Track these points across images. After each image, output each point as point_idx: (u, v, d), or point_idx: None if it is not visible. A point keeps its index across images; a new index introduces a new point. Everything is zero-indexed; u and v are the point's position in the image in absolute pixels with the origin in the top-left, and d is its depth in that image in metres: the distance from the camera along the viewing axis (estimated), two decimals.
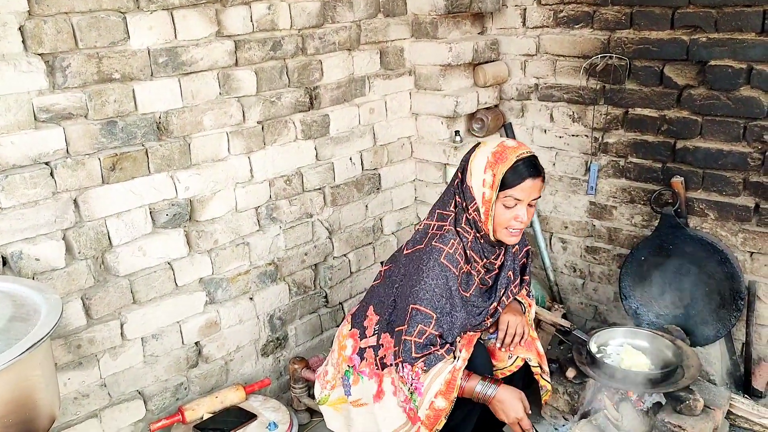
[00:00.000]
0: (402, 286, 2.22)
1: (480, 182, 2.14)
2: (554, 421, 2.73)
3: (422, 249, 2.20)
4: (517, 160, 2.11)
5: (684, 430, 2.37)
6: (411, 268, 2.20)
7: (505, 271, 2.34)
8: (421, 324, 2.11)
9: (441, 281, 2.13)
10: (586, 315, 3.34)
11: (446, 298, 2.14)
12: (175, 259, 2.46)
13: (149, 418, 2.49)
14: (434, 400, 2.09)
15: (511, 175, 2.10)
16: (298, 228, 2.86)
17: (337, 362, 2.42)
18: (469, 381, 2.12)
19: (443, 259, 2.14)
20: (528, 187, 2.12)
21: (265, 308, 2.81)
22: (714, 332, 2.82)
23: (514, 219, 2.15)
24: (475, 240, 2.22)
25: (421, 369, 2.10)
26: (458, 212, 2.22)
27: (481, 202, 2.15)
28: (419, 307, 2.12)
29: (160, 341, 2.48)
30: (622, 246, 3.12)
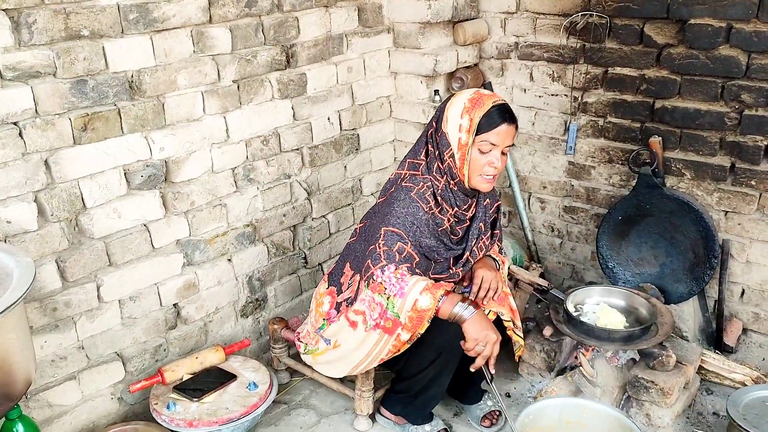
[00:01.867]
0: (377, 217, 2.26)
1: (456, 128, 2.17)
2: (531, 378, 2.78)
3: (392, 192, 2.26)
4: (493, 106, 2.16)
5: (656, 385, 2.42)
6: (385, 205, 2.26)
7: (476, 222, 2.37)
8: (400, 242, 2.16)
9: (411, 209, 2.19)
10: (563, 274, 3.38)
11: (416, 225, 2.19)
12: (151, 221, 2.43)
13: (129, 380, 2.49)
14: (419, 297, 2.05)
15: (487, 120, 2.15)
16: (276, 189, 2.83)
17: (314, 319, 2.43)
18: (450, 297, 2.09)
19: (413, 195, 2.21)
20: (503, 132, 2.16)
21: (243, 270, 2.80)
22: (688, 290, 2.86)
23: (489, 165, 2.19)
24: (446, 188, 2.25)
25: (405, 271, 2.10)
26: (429, 161, 2.25)
27: (457, 147, 2.18)
28: (392, 229, 2.17)
29: (137, 303, 2.46)
30: (600, 206, 3.14)
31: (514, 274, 3.03)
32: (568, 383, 2.58)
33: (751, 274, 2.84)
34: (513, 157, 3.34)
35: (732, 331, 2.88)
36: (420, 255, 2.21)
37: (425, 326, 2.10)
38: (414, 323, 2.09)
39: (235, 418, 2.38)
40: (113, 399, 2.48)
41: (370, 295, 2.14)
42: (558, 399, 2.27)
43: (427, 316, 2.07)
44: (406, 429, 2.48)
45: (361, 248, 2.31)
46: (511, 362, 2.81)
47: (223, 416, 2.37)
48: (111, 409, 2.48)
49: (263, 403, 2.47)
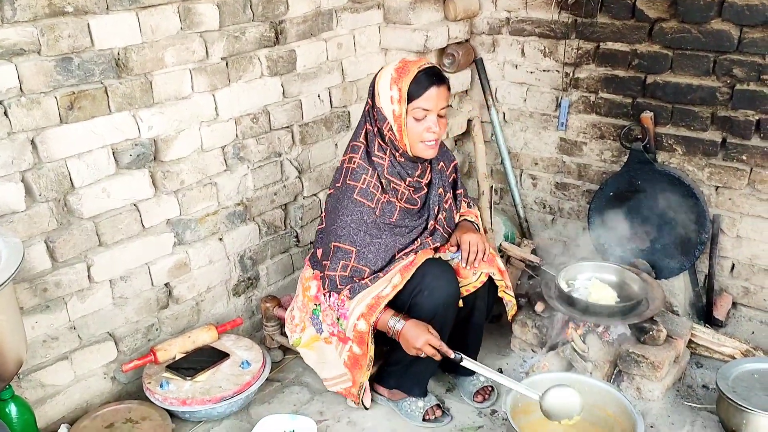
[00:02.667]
0: (327, 224, 2.34)
1: (388, 100, 2.20)
2: (523, 354, 2.80)
3: (339, 188, 2.29)
4: (419, 71, 2.17)
5: (647, 359, 2.44)
6: (330, 206, 2.32)
7: (434, 188, 2.40)
8: (343, 260, 2.25)
9: (356, 216, 2.23)
10: (555, 250, 3.38)
11: (363, 231, 2.24)
12: (140, 201, 2.41)
13: (121, 359, 2.49)
14: (357, 322, 2.23)
15: (415, 86, 2.17)
16: (266, 167, 2.82)
17: (303, 304, 2.45)
18: (384, 314, 2.22)
19: (356, 196, 2.24)
20: (433, 95, 2.18)
21: (235, 248, 2.80)
22: (678, 265, 2.88)
23: (427, 131, 2.21)
24: (392, 163, 2.28)
25: (347, 297, 2.25)
26: (369, 140, 2.28)
27: (393, 119, 2.21)
28: (338, 244, 2.26)
29: (128, 283, 2.45)
30: (592, 182, 3.14)
31: (505, 250, 3.04)
32: (560, 358, 2.60)
33: (741, 249, 2.85)
34: (505, 134, 3.33)
35: (722, 305, 2.90)
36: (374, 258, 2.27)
37: (371, 347, 2.28)
38: (358, 341, 2.28)
39: (229, 396, 2.39)
40: (106, 378, 2.48)
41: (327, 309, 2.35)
42: (550, 374, 2.29)
43: (366, 337, 2.26)
44: (399, 405, 2.49)
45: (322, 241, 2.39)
46: (504, 339, 2.83)
47: (216, 395, 2.38)
48: (104, 389, 2.48)
49: (256, 381, 2.47)
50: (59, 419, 2.35)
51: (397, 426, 2.45)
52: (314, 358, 2.48)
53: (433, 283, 2.23)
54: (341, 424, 2.46)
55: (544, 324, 2.71)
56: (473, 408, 2.52)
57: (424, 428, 2.43)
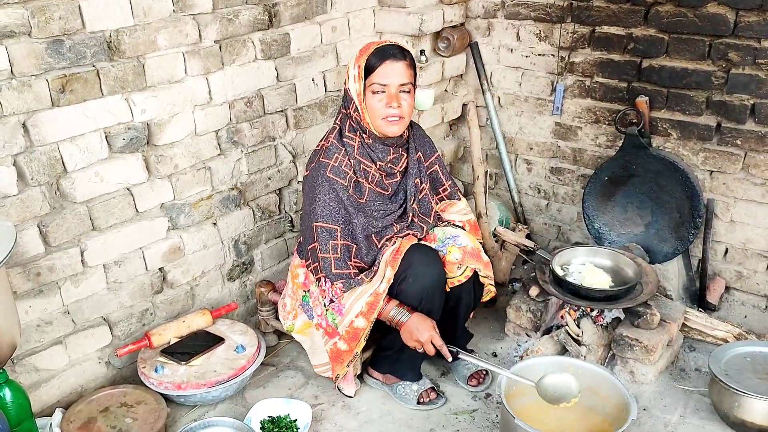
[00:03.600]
0: (305, 206, 2.33)
1: (352, 79, 2.23)
2: (517, 338, 2.81)
3: (313, 167, 2.30)
4: (377, 48, 2.20)
5: (640, 342, 2.46)
6: (307, 187, 2.31)
7: (410, 178, 2.39)
8: (331, 240, 2.24)
9: (332, 194, 2.23)
10: (549, 235, 3.39)
11: (342, 208, 2.25)
12: (134, 185, 2.40)
13: (116, 344, 2.49)
14: (354, 319, 2.23)
15: (371, 61, 2.19)
16: (260, 152, 2.80)
17: (292, 291, 2.46)
18: (387, 305, 2.23)
19: (329, 173, 2.23)
20: (388, 68, 2.18)
21: (229, 233, 2.79)
22: (672, 249, 2.89)
23: (386, 106, 2.20)
24: (362, 145, 2.29)
25: (340, 290, 2.25)
26: (342, 121, 2.31)
27: (357, 98, 2.23)
28: (321, 224, 2.24)
29: (122, 268, 2.45)
30: (586, 166, 3.14)
31: (500, 235, 3.04)
32: (554, 342, 2.61)
33: (735, 234, 2.86)
34: (500, 118, 3.32)
35: (715, 289, 2.91)
36: (357, 234, 2.28)
37: (361, 344, 2.29)
38: (350, 337, 2.28)
39: (224, 380, 2.39)
40: (101, 363, 2.48)
41: (316, 293, 2.31)
42: (544, 358, 2.30)
43: (361, 334, 2.25)
44: (393, 389, 2.50)
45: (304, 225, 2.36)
46: (498, 323, 2.84)
47: (211, 379, 2.38)
48: (99, 373, 2.48)
49: (251, 366, 2.48)
50: (54, 403, 2.35)
51: (391, 409, 2.46)
52: (308, 343, 2.48)
53: (418, 269, 2.24)
54: (336, 408, 2.47)
55: (538, 308, 2.72)
56: (467, 392, 2.54)
57: (419, 411, 2.44)
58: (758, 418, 2.21)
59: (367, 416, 2.43)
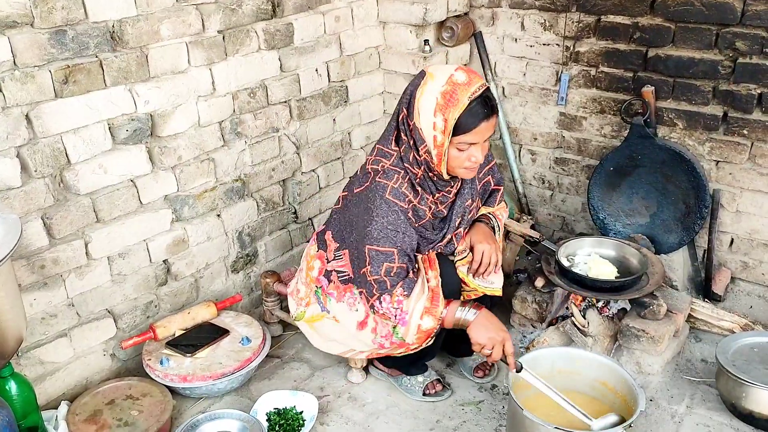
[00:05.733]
0: (356, 227, 2.14)
1: (430, 126, 2.00)
2: (523, 329, 2.80)
3: (369, 186, 2.10)
4: (470, 103, 1.96)
5: (647, 333, 2.45)
6: (361, 208, 2.11)
7: (462, 199, 2.26)
8: (386, 262, 2.07)
9: (391, 217, 2.06)
10: (554, 226, 3.38)
11: (401, 231, 2.07)
12: (138, 177, 2.39)
13: (120, 336, 2.48)
14: (420, 322, 2.08)
15: (464, 120, 1.97)
16: (264, 143, 2.79)
17: (306, 281, 2.41)
18: (449, 306, 2.10)
19: (388, 195, 2.06)
20: (482, 129, 2.00)
21: (233, 225, 2.78)
22: (678, 240, 2.88)
23: (469, 160, 2.05)
24: (425, 177, 2.12)
25: (402, 295, 2.07)
26: (404, 150, 2.09)
27: (433, 145, 2.02)
28: (377, 248, 2.06)
29: (127, 260, 2.44)
30: (591, 157, 3.12)
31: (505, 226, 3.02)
32: (560, 333, 2.60)
33: (741, 224, 2.85)
34: (504, 108, 3.30)
35: (720, 279, 2.90)
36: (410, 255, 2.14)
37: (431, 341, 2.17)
38: (422, 339, 2.14)
39: (229, 372, 2.38)
40: (106, 355, 2.47)
41: (377, 319, 2.17)
42: (550, 349, 2.29)
43: (433, 332, 2.12)
44: (399, 380, 2.49)
45: (342, 222, 2.23)
46: (504, 315, 2.83)
47: (217, 371, 2.37)
48: (104, 366, 2.47)
49: (257, 358, 2.47)
50: (59, 396, 2.35)
51: (397, 400, 2.45)
52: (315, 336, 2.44)
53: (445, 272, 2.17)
54: (342, 400, 2.46)
55: (543, 299, 2.71)
56: (473, 383, 2.53)
57: (425, 402, 2.43)
58: (766, 408, 2.21)
59: (374, 408, 2.42)
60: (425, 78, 2.03)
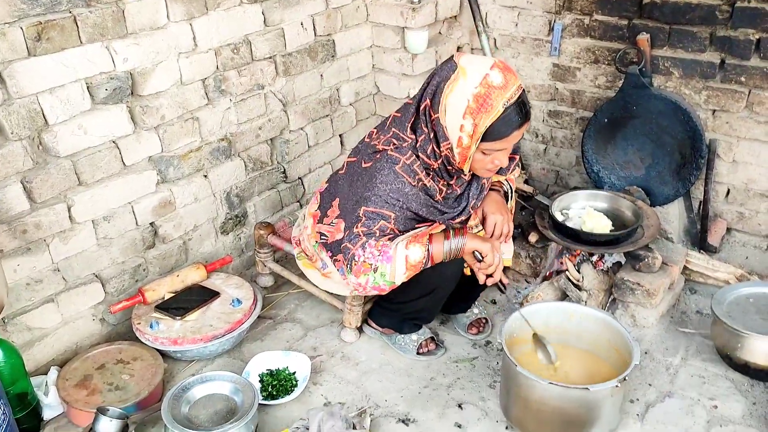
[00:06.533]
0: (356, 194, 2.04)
1: (457, 127, 1.87)
2: (517, 285, 2.78)
3: (378, 159, 2.00)
4: (508, 111, 1.82)
5: (642, 286, 2.42)
6: (366, 178, 2.01)
7: (477, 179, 2.14)
8: (382, 220, 1.97)
9: (396, 185, 1.95)
10: (548, 180, 3.33)
11: (402, 201, 1.97)
12: (120, 137, 2.32)
13: (109, 301, 2.45)
14: (407, 252, 1.93)
15: (497, 127, 1.84)
16: (249, 101, 2.71)
17: (308, 237, 2.33)
18: (434, 244, 1.98)
19: (399, 169, 1.95)
20: (514, 137, 1.88)
21: (221, 185, 2.72)
22: (674, 191, 2.84)
23: (492, 163, 1.95)
24: (440, 168, 2.01)
25: (387, 240, 1.97)
26: (422, 141, 1.96)
27: (457, 144, 1.90)
28: (373, 209, 1.96)
29: (112, 223, 2.39)
30: (585, 109, 3.06)
31: None
32: (554, 288, 2.58)
33: (737, 174, 2.80)
34: None
35: (716, 231, 2.87)
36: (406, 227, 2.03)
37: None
38: (410, 275, 2.01)
39: (220, 334, 2.36)
40: (95, 320, 2.44)
41: (354, 281, 2.01)
42: (544, 304, 2.27)
43: (422, 266, 1.98)
44: (393, 339, 2.47)
45: (348, 190, 2.10)
46: None
47: (207, 333, 2.34)
48: (93, 330, 2.44)
49: (248, 319, 2.44)
50: (49, 362, 2.32)
51: (391, 359, 2.44)
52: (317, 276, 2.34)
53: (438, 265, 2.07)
54: (335, 359, 2.44)
55: (537, 254, 2.68)
56: (467, 340, 2.51)
57: (418, 361, 2.42)
58: (761, 358, 2.19)
59: (367, 366, 2.40)
60: (456, 73, 1.87)
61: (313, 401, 2.25)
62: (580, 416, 1.94)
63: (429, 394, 2.27)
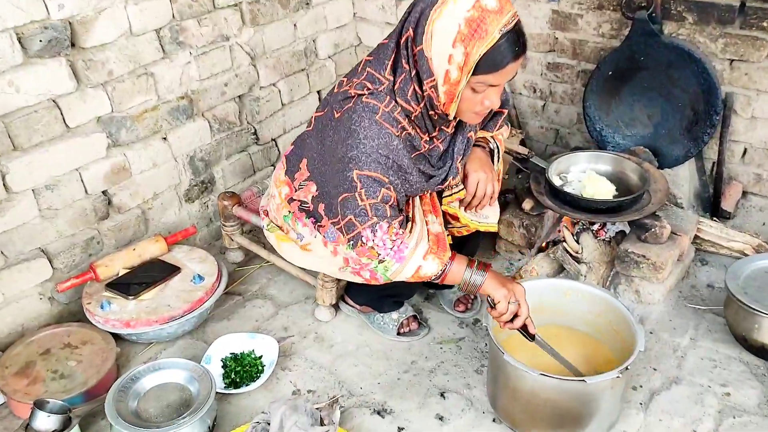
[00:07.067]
0: (336, 154, 1.75)
1: (444, 58, 1.60)
2: (509, 256, 2.54)
3: (351, 108, 1.71)
4: (501, 37, 1.56)
5: (648, 259, 2.18)
6: (342, 133, 1.73)
7: (462, 132, 1.89)
8: (382, 188, 1.70)
9: (382, 139, 1.69)
10: (546, 140, 3.07)
11: (393, 159, 1.71)
12: (60, 96, 2.06)
13: (59, 278, 2.22)
14: (423, 263, 1.72)
15: (491, 56, 1.58)
16: (212, 54, 2.45)
17: (278, 208, 2.09)
18: (455, 266, 1.74)
19: (379, 118, 1.69)
20: (509, 70, 1.63)
21: (183, 149, 2.47)
22: (684, 152, 2.57)
23: (482, 104, 1.69)
24: (422, 115, 1.75)
25: (400, 227, 1.72)
26: (402, 82, 1.69)
27: (443, 80, 1.63)
28: (368, 173, 1.69)
29: (56, 192, 2.14)
30: (588, 60, 2.77)
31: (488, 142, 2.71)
32: (550, 261, 2.34)
33: (756, 132, 2.53)
34: None
35: (731, 195, 2.62)
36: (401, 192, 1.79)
37: None
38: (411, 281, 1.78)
39: (178, 315, 2.13)
40: (43, 299, 2.21)
41: (354, 256, 1.77)
42: (538, 281, 2.02)
43: (429, 280, 1.75)
44: (371, 318, 2.25)
45: (317, 149, 1.86)
46: (488, 240, 2.55)
47: (164, 314, 2.12)
48: (41, 310, 2.22)
49: (210, 298, 2.22)
50: None
51: (369, 340, 2.21)
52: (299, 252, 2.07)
53: None
54: (308, 341, 2.22)
55: (532, 223, 2.43)
56: (453, 318, 2.29)
57: (399, 342, 2.19)
58: None
59: (342, 348, 2.18)
60: None
61: (281, 389, 2.04)
62: (575, 410, 1.72)
63: (409, 381, 2.05)
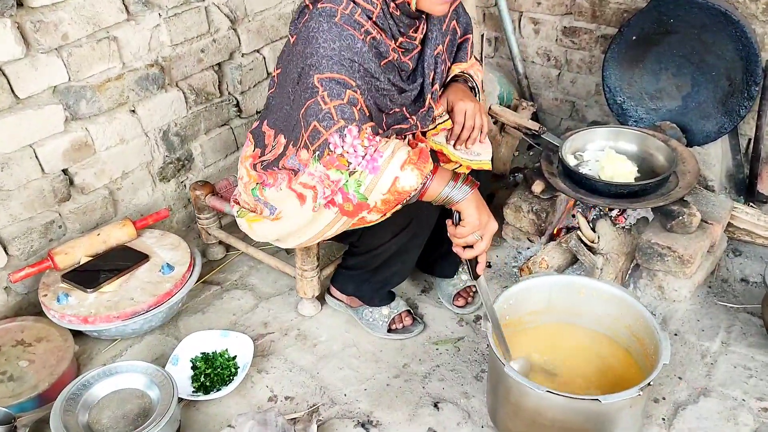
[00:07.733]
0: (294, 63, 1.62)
1: None
2: (517, 244, 2.30)
3: (308, 18, 1.59)
4: None
5: (674, 251, 1.92)
6: (301, 45, 1.59)
7: (430, 46, 1.74)
8: (348, 90, 1.53)
9: (344, 42, 1.55)
10: (561, 113, 2.86)
11: (358, 61, 1.56)
12: (6, 62, 1.84)
13: (15, 266, 2.02)
14: (400, 173, 1.50)
15: None
16: (186, 16, 2.21)
17: (246, 185, 1.87)
18: (437, 179, 1.53)
19: (339, 20, 1.55)
20: None
21: (154, 123, 2.25)
22: (717, 128, 2.34)
23: None
24: (383, 14, 1.61)
25: (372, 133, 1.53)
26: None
27: None
28: (328, 74, 1.53)
29: (7, 171, 1.92)
30: (609, 24, 2.56)
31: (497, 116, 2.46)
32: (563, 251, 2.11)
33: None
34: None
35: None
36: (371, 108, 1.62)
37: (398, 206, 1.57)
38: (388, 206, 1.55)
39: (142, 310, 1.92)
40: None
41: (322, 170, 1.55)
42: (546, 277, 1.77)
43: (408, 198, 1.53)
44: (360, 312, 2.02)
45: (279, 102, 1.72)
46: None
47: (126, 309, 1.91)
48: None
49: (179, 290, 2.00)
50: None
51: (357, 339, 1.99)
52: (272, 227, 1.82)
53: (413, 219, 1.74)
54: (288, 338, 2.00)
55: (543, 208, 2.20)
56: (452, 314, 2.06)
57: (391, 341, 1.97)
58: None
59: (327, 348, 1.96)
60: None
61: (256, 394, 1.83)
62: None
63: (399, 387, 1.82)
